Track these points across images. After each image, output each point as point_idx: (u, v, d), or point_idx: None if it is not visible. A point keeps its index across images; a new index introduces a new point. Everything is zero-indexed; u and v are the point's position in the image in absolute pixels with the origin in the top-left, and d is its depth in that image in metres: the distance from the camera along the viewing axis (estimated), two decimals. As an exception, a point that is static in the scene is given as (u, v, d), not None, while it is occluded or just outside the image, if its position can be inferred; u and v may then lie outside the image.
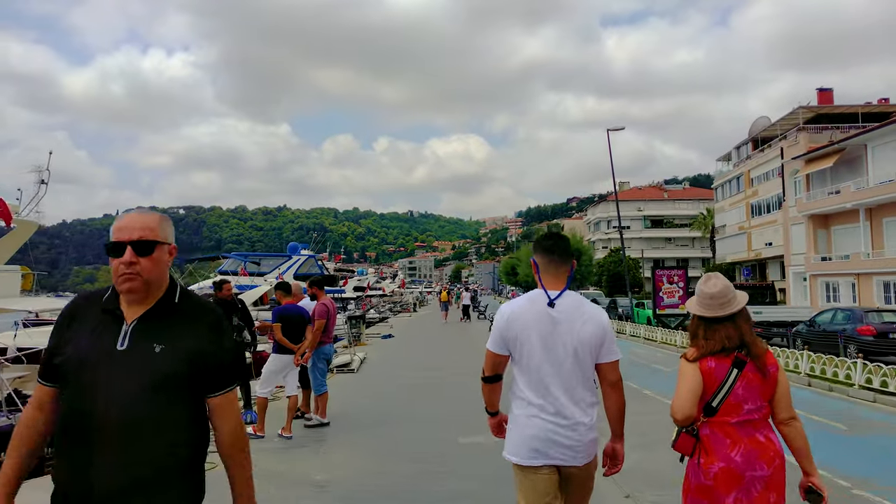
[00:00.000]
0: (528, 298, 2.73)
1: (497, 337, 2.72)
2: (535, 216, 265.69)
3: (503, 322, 2.69)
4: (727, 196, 52.58)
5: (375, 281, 57.32)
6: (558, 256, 2.76)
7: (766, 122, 49.29)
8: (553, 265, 2.75)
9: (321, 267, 32.58)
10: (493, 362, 2.76)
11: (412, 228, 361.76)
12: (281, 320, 6.45)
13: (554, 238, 2.86)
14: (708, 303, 2.64)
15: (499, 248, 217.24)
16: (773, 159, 43.68)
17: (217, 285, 7.70)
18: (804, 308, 23.58)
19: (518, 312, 2.68)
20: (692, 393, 2.52)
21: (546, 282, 2.71)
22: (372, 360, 14.86)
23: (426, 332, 26.32)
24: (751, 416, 2.49)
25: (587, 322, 2.63)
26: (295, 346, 6.46)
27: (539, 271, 2.77)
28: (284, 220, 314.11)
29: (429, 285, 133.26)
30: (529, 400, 2.61)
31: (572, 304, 2.67)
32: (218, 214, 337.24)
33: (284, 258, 30.92)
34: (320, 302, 6.88)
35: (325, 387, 7.15)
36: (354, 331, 18.46)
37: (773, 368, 2.55)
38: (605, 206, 78.72)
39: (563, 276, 2.74)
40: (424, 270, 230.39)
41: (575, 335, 2.61)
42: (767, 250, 44.45)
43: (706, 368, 2.52)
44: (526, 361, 2.63)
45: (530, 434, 2.58)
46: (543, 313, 2.63)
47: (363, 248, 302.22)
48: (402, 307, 48.96)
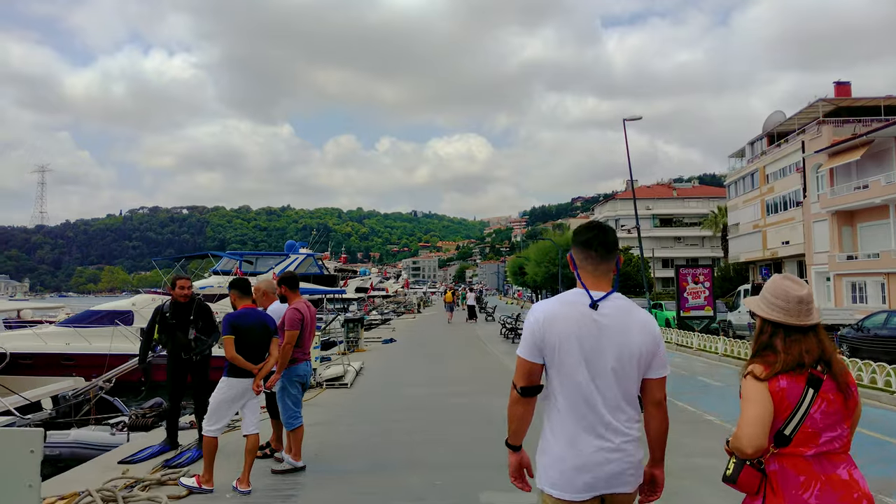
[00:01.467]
0: (566, 299, 2.32)
1: (530, 343, 2.28)
2: (539, 216, 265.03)
3: (538, 325, 2.26)
4: (741, 193, 51.03)
5: (379, 281, 55.85)
6: (600, 251, 2.33)
7: (780, 116, 47.95)
8: (593, 261, 2.33)
9: (321, 266, 31.14)
10: (527, 371, 2.29)
11: (416, 228, 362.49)
12: (234, 331, 4.72)
13: (595, 229, 2.38)
14: (795, 308, 2.22)
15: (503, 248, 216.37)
16: (790, 154, 42.26)
17: (171, 283, 6.15)
18: (845, 310, 21.98)
19: (556, 314, 2.25)
20: (764, 419, 2.12)
21: (586, 280, 2.32)
22: (370, 370, 13.16)
23: (431, 335, 24.21)
24: (830, 446, 2.13)
25: (638, 330, 2.25)
26: (255, 365, 4.82)
27: (577, 268, 2.37)
28: (288, 220, 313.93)
29: (433, 285, 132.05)
30: (569, 419, 2.22)
31: (620, 308, 2.27)
32: (221, 214, 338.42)
33: (281, 257, 29.43)
34: (292, 306, 5.16)
35: (300, 419, 5.32)
36: (352, 335, 16.76)
37: (855, 387, 2.20)
38: (613, 205, 77.57)
39: (605, 275, 2.32)
40: (428, 271, 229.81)
41: (624, 344, 2.22)
42: (784, 249, 42.95)
43: (776, 389, 2.13)
44: (566, 373, 2.23)
45: (574, 462, 2.20)
46: (586, 317, 2.23)
47: (367, 248, 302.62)
48: (405, 308, 47.42)
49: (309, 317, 5.24)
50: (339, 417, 8.42)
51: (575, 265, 2.37)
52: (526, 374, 2.28)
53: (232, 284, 5.14)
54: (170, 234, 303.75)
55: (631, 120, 25.10)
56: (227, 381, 4.83)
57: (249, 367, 4.79)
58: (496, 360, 15.02)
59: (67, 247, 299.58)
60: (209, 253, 19.88)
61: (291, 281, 5.38)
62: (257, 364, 4.84)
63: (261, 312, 5.03)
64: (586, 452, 2.17)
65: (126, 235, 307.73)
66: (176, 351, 5.95)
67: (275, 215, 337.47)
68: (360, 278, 47.06)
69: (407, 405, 9.39)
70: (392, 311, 42.73)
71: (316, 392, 9.91)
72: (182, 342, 5.95)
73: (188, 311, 6.00)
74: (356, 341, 16.93)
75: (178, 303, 6.03)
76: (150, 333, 6.08)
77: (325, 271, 31.83)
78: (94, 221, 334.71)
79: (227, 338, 4.72)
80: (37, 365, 15.22)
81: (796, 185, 40.92)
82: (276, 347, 4.92)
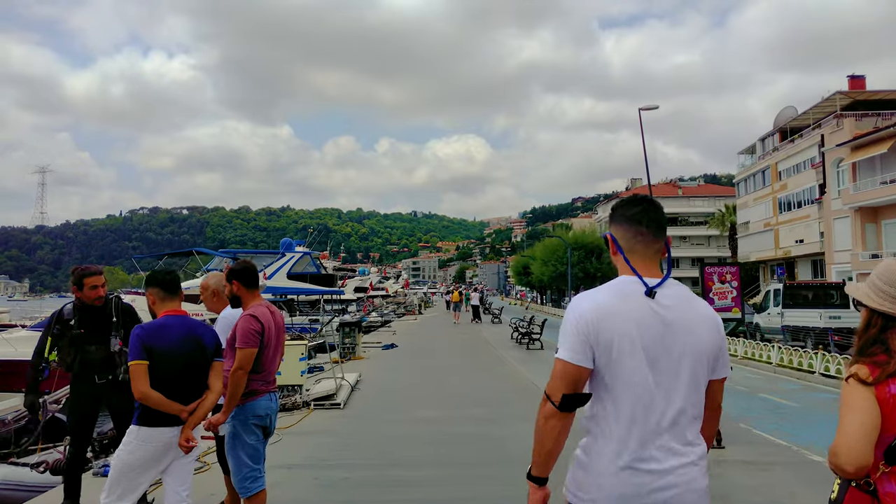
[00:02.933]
0: (618, 288, 1.86)
1: (578, 342, 1.79)
2: (539, 216, 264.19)
3: (588, 320, 1.78)
4: (751, 191, 49.68)
5: (378, 281, 54.31)
6: (651, 227, 1.91)
7: (792, 112, 46.78)
8: (641, 241, 1.90)
9: (318, 266, 29.60)
10: (571, 378, 1.80)
11: (416, 229, 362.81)
12: (147, 355, 3.02)
13: (644, 202, 1.93)
14: None
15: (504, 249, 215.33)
16: (805, 150, 40.99)
17: (77, 280, 4.37)
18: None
19: (610, 307, 1.80)
20: (868, 430, 1.79)
21: (637, 264, 1.88)
22: (368, 383, 11.36)
23: (436, 340, 22.13)
24: None
25: (705, 324, 1.86)
26: (182, 407, 3.11)
27: (624, 250, 1.91)
28: (288, 221, 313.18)
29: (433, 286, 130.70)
30: (621, 433, 1.77)
31: (681, 296, 1.86)
32: (221, 215, 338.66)
33: (277, 255, 27.92)
34: (248, 312, 3.50)
35: (261, 481, 3.57)
36: (349, 341, 14.96)
37: None
38: (618, 204, 76.29)
39: (657, 257, 1.91)
40: (428, 271, 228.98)
41: (693, 343, 1.82)
42: (798, 248, 41.61)
43: (885, 395, 1.80)
44: (624, 379, 1.78)
45: (625, 488, 1.74)
46: (646, 309, 1.80)
47: (367, 248, 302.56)
48: (406, 309, 45.91)
49: (273, 328, 3.52)
50: (328, 456, 6.41)
51: (619, 247, 1.93)
52: (571, 380, 1.80)
53: (149, 280, 3.33)
54: (170, 234, 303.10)
55: (646, 109, 23.63)
56: (137, 432, 3.05)
57: (174, 409, 3.05)
58: (513, 371, 13.32)
59: (67, 247, 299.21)
60: (194, 250, 18.33)
61: (246, 275, 3.58)
62: (187, 404, 3.11)
63: (193, 323, 3.23)
64: (641, 475, 1.75)
65: (126, 236, 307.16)
66: (85, 373, 4.34)
67: (275, 216, 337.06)
68: (359, 278, 45.47)
69: (414, 435, 7.36)
70: (392, 312, 41.28)
71: (302, 414, 8.27)
72: (95, 358, 4.33)
73: (104, 316, 4.42)
74: (353, 348, 15.09)
75: (88, 306, 4.39)
76: (41, 352, 4.33)
77: (324, 270, 30.31)
78: (94, 222, 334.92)
79: (135, 365, 2.93)
80: (1, 373, 13.73)
81: (811, 181, 39.72)
82: (218, 376, 3.19)
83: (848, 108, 38.84)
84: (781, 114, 47.70)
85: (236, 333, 3.33)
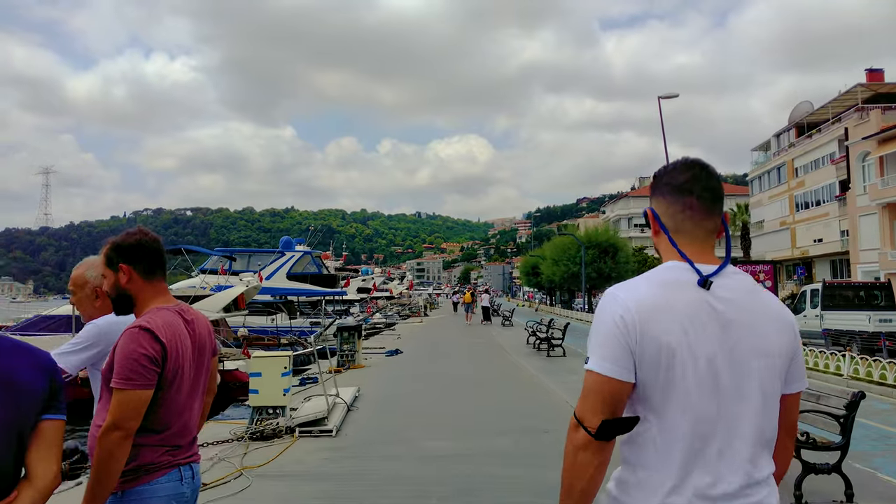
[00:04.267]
0: (663, 278, 1.45)
1: (613, 346, 1.39)
2: (544, 216, 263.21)
3: (627, 320, 1.39)
4: (765, 188, 48.25)
5: (382, 282, 52.90)
6: (704, 199, 1.49)
7: (808, 107, 45.53)
8: (691, 216, 1.49)
9: (319, 265, 28.32)
10: (608, 396, 1.39)
11: (420, 230, 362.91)
12: None
13: (695, 166, 1.52)
14: None
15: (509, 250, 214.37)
16: (824, 145, 39.62)
17: None
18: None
19: (655, 302, 1.40)
20: None
21: (686, 247, 1.48)
22: (368, 400, 9.48)
23: (445, 345, 19.99)
24: None
25: (773, 321, 1.47)
26: None
27: (669, 229, 1.51)
28: (292, 222, 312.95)
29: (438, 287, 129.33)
30: (670, 471, 1.39)
31: (744, 288, 1.47)
32: (225, 216, 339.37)
33: (276, 255, 26.69)
34: (136, 325, 1.96)
35: None
36: (347, 348, 13.23)
37: None
38: (626, 203, 75.28)
39: (710, 237, 1.51)
40: (433, 272, 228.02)
41: (760, 346, 1.43)
42: (816, 247, 40.20)
43: None
44: (677, 395, 1.38)
45: None
46: (701, 305, 1.41)
47: (371, 249, 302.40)
48: (411, 311, 44.49)
49: (188, 349, 2.03)
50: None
51: (662, 224, 1.52)
52: (607, 399, 1.38)
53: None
54: (173, 235, 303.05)
55: (666, 98, 22.23)
56: None
57: None
58: (537, 383, 11.40)
59: (71, 248, 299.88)
60: (182, 248, 16.91)
61: (141, 254, 2.11)
62: None
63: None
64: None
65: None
66: None
67: (279, 217, 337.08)
68: (362, 278, 44.07)
69: (422, 479, 5.58)
70: (397, 314, 39.91)
71: (284, 444, 6.59)
72: None
73: None
74: (352, 355, 13.20)
75: None
76: None
77: (325, 270, 29.02)
78: (98, 223, 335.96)
79: None
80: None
81: (831, 177, 38.39)
82: (48, 451, 1.48)
83: (869, 101, 37.46)
84: (797, 109, 46.37)
85: (113, 362, 1.89)
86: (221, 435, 6.93)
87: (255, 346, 18.09)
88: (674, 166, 1.54)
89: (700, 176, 1.49)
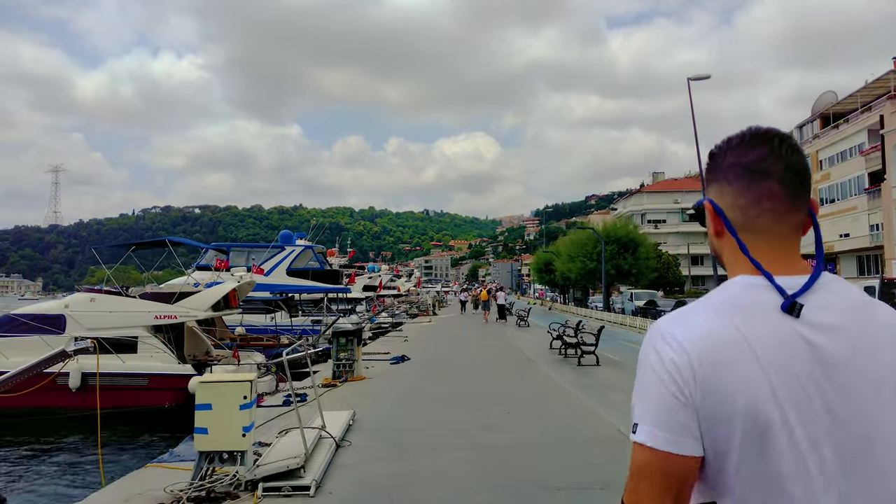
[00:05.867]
0: (735, 302, 1.07)
1: (669, 406, 1.04)
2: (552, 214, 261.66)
3: (691, 363, 1.03)
4: (788, 182, 46.38)
5: (389, 279, 51.42)
6: (784, 185, 1.10)
7: (832, 97, 43.96)
8: (770, 209, 1.10)
9: (322, 261, 26.90)
10: (665, 477, 1.03)
11: (428, 227, 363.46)
12: None
13: (772, 139, 1.12)
14: None
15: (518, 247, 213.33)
16: (852, 135, 38.11)
17: None
18: None
19: (724, 339, 1.03)
20: None
21: (761, 253, 1.10)
22: (364, 429, 7.49)
23: (457, 349, 18.02)
24: None
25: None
26: None
27: (733, 229, 1.13)
28: (300, 220, 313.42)
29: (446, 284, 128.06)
30: None
31: (849, 302, 1.07)
32: (233, 214, 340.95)
33: (276, 250, 25.29)
34: None
35: None
36: (344, 356, 11.15)
37: None
38: (639, 199, 73.67)
39: (794, 238, 1.12)
40: (441, 270, 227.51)
41: (880, 388, 1.04)
42: (843, 242, 38.54)
43: None
44: (761, 470, 1.03)
45: None
46: (788, 339, 1.03)
47: (379, 247, 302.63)
48: (419, 309, 42.98)
49: None
50: None
51: (727, 221, 1.13)
52: (667, 484, 1.03)
53: None
54: (182, 233, 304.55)
55: (696, 79, 20.60)
56: None
57: None
58: (577, 404, 9.27)
59: (81, 246, 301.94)
60: (167, 239, 15.49)
61: None
62: None
63: None
64: None
65: (138, 235, 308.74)
66: None
67: (287, 214, 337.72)
68: (368, 275, 42.59)
69: None
70: (404, 313, 38.46)
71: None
72: None
73: None
74: (350, 365, 11.07)
75: None
76: None
77: (328, 266, 27.61)
78: (107, 221, 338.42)
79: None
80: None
81: (859, 169, 36.82)
82: None
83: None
84: (821, 99, 44.75)
85: None
86: (153, 491, 5.05)
87: (253, 348, 16.70)
88: (740, 138, 1.14)
89: (780, 151, 1.10)
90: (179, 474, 5.42)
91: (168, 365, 12.92)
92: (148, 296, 14.15)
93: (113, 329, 13.09)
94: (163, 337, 13.64)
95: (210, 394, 4.88)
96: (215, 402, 4.83)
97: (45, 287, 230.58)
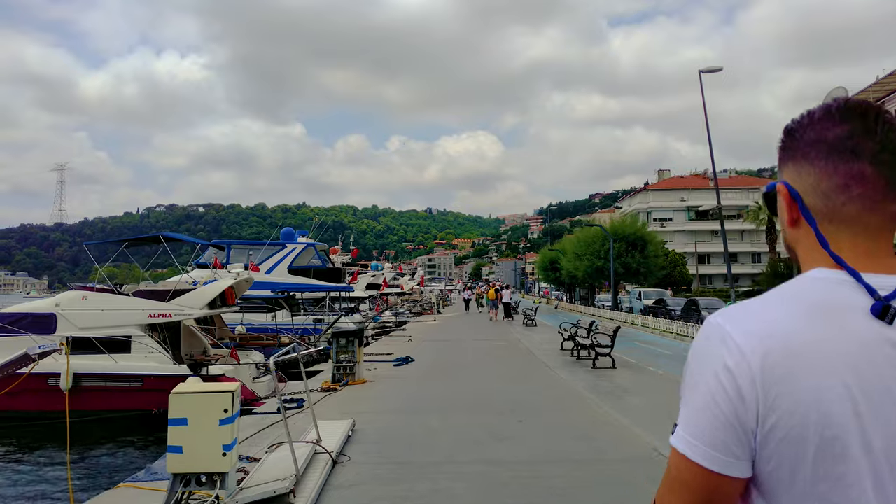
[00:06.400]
0: (806, 300, 0.92)
1: (717, 419, 0.91)
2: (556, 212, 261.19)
3: (750, 371, 0.89)
4: (798, 179, 45.71)
5: (392, 278, 50.86)
6: (880, 166, 0.93)
7: (843, 92, 42.62)
8: (862, 194, 0.94)
9: (324, 259, 26.39)
10: (704, 493, 0.93)
11: (431, 226, 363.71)
12: None
13: (866, 113, 0.95)
14: None
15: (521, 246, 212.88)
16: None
17: None
18: None
19: (795, 342, 0.89)
20: None
21: (843, 247, 0.96)
22: (365, 441, 6.89)
23: (463, 349, 17.34)
24: None
25: None
26: None
27: (811, 218, 0.98)
28: (304, 218, 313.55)
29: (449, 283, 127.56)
30: None
31: None
32: (237, 212, 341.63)
33: (277, 247, 24.77)
34: None
35: None
36: (344, 358, 10.44)
37: None
38: (645, 196, 73.04)
39: (889, 230, 0.97)
40: (444, 268, 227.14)
41: None
42: None
43: None
44: (827, 497, 0.88)
45: None
46: (878, 348, 0.89)
47: (382, 245, 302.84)
48: (423, 308, 42.41)
49: None
50: None
51: (804, 208, 0.98)
52: (702, 499, 0.93)
53: None
54: (186, 231, 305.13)
55: (708, 71, 19.97)
56: None
57: None
58: (597, 413, 8.56)
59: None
60: (161, 235, 14.90)
61: None
62: None
63: None
64: None
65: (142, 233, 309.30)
66: None
67: (290, 213, 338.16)
68: (371, 273, 42.04)
69: None
70: (408, 312, 37.91)
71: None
72: None
73: None
74: (351, 367, 10.39)
75: None
76: None
77: (331, 264, 27.10)
78: (112, 219, 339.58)
79: None
80: None
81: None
82: None
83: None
84: (831, 94, 43.93)
85: None
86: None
87: (252, 347, 16.17)
88: (825, 110, 0.97)
89: (873, 127, 0.94)
90: (153, 497, 4.79)
91: (162, 365, 12.40)
92: (142, 294, 13.63)
93: (105, 328, 12.63)
94: (158, 336, 13.13)
95: (185, 407, 4.18)
96: (191, 417, 4.17)
97: (51, 285, 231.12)
